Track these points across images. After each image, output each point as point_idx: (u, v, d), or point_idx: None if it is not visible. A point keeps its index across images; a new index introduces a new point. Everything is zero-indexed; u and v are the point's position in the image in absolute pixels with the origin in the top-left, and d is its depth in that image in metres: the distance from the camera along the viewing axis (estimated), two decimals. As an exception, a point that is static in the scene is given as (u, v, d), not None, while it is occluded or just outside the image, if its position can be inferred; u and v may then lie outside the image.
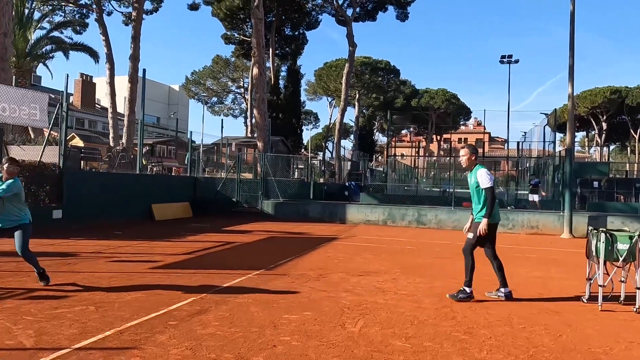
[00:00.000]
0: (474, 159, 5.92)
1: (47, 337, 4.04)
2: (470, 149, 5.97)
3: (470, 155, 5.91)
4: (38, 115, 11.14)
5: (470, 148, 5.99)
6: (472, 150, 5.96)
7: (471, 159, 5.91)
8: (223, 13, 37.26)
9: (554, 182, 23.33)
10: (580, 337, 4.56)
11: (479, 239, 5.77)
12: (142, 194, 15.32)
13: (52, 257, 7.97)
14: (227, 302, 5.37)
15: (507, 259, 7.04)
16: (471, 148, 5.99)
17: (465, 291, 5.78)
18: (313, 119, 71.35)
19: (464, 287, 5.80)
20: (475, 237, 5.76)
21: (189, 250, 9.35)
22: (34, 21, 23.66)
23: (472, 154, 5.93)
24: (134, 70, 26.56)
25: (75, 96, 48.02)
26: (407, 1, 37.11)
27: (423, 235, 13.55)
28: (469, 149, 5.97)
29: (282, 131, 34.81)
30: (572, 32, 14.17)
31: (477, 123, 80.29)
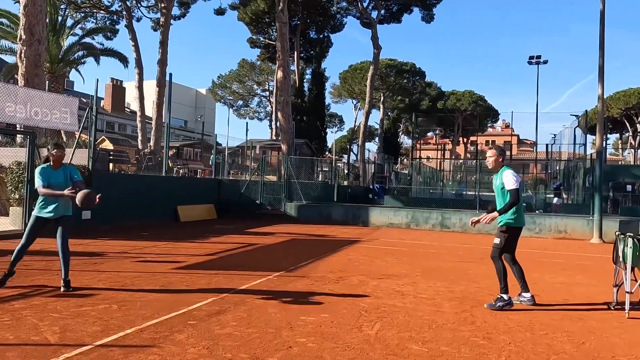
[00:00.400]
0: (501, 161, 5.76)
1: (70, 333, 4.16)
2: (497, 150, 5.83)
3: (498, 157, 5.74)
4: (68, 119, 11.51)
5: (497, 149, 5.85)
6: (500, 152, 5.81)
7: (498, 160, 5.73)
8: (249, 17, 37.73)
9: (584, 185, 22.72)
10: (604, 345, 4.43)
11: (506, 244, 5.65)
12: (167, 195, 15.63)
13: (80, 257, 8.21)
14: (245, 303, 5.43)
15: (532, 264, 6.93)
16: (499, 149, 5.85)
17: (503, 298, 5.58)
18: (338, 121, 71.42)
19: (501, 294, 5.61)
20: (502, 242, 5.64)
21: (211, 251, 9.48)
22: (66, 28, 24.44)
23: (500, 155, 5.76)
24: (162, 75, 27.17)
25: (106, 100, 49.37)
26: (432, 2, 36.80)
27: (446, 239, 13.39)
28: (497, 150, 5.84)
29: (307, 134, 34.96)
30: (602, 31, 13.78)
31: (505, 125, 78.79)
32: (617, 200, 24.78)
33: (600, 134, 14.51)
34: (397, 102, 56.18)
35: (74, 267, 7.25)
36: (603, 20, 13.84)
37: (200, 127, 34.48)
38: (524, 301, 5.78)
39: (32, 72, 14.94)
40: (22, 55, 15.08)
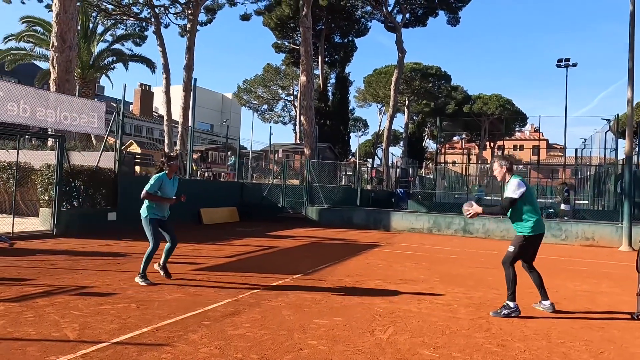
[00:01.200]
0: (506, 171, 5.54)
1: (89, 330, 4.30)
2: (500, 161, 5.64)
3: (502, 168, 5.56)
4: (96, 122, 11.86)
5: (500, 160, 5.65)
6: (503, 163, 5.60)
7: (502, 171, 5.55)
8: (274, 22, 38.14)
9: (615, 191, 22.07)
10: (623, 356, 4.31)
11: (521, 251, 5.52)
12: (191, 198, 15.71)
13: (104, 257, 8.45)
14: (260, 305, 5.49)
15: (556, 271, 6.79)
16: (502, 160, 5.64)
17: (509, 306, 5.45)
18: (362, 125, 71.26)
19: (507, 301, 5.48)
20: (516, 250, 5.51)
21: (231, 253, 9.61)
22: (97, 35, 25.21)
23: (503, 166, 5.56)
24: (188, 80, 27.68)
25: (135, 105, 50.59)
26: (458, 6, 36.47)
27: (468, 245, 13.21)
28: (500, 161, 5.64)
29: (330, 138, 35.05)
30: (632, 32, 13.40)
31: (533, 129, 77.18)
32: (650, 208, 23.93)
33: (629, 138, 14.07)
34: (422, 106, 55.77)
35: (97, 267, 7.48)
36: (633, 21, 13.46)
37: (225, 131, 35.00)
38: (544, 309, 5.67)
39: (64, 78, 15.46)
40: (54, 62, 15.63)
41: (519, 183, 5.39)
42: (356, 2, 38.31)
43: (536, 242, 5.56)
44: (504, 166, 5.55)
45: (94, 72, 25.14)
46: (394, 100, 36.40)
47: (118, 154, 12.89)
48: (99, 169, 12.44)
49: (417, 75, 49.05)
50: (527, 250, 5.56)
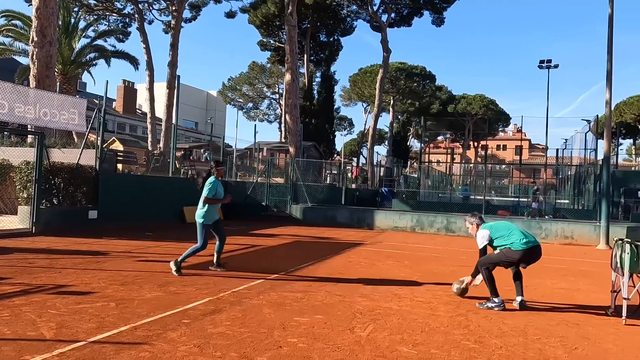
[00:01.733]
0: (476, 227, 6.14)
1: (66, 330, 4.25)
2: (470, 219, 6.25)
3: (472, 225, 6.20)
4: (77, 119, 11.69)
5: (470, 218, 6.25)
6: (472, 220, 6.21)
7: (474, 228, 6.16)
8: (259, 20, 37.97)
9: (595, 190, 22.51)
10: (597, 351, 4.41)
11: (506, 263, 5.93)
12: (174, 196, 15.77)
13: (84, 255, 8.34)
14: (241, 303, 5.48)
15: (535, 270, 6.90)
16: (471, 217, 6.25)
17: (494, 300, 5.79)
18: (347, 124, 71.36)
19: (492, 297, 5.82)
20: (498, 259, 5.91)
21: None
22: (79, 30, 24.80)
23: (473, 223, 6.19)
24: (172, 77, 27.43)
25: (118, 102, 49.92)
26: (442, 6, 36.73)
27: (451, 243, 13.34)
28: (469, 219, 6.25)
29: (315, 136, 35.03)
30: (611, 35, 13.67)
31: (516, 129, 78.20)
32: (628, 207, 24.44)
33: (607, 139, 14.36)
34: (407, 105, 56.06)
35: (77, 265, 7.38)
36: (611, 24, 13.73)
37: (210, 129, 34.75)
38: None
39: (44, 74, 15.20)
40: (34, 57, 15.35)
41: (482, 234, 5.98)
42: (342, 1, 38.35)
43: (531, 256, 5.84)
44: (473, 223, 6.19)
45: (75, 68, 24.74)
46: (379, 100, 36.54)
47: (99, 152, 12.73)
48: (80, 167, 12.27)
49: (402, 75, 49.26)
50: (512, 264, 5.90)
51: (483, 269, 5.92)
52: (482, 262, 5.95)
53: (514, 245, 5.77)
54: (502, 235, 5.89)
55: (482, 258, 5.98)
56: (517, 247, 5.76)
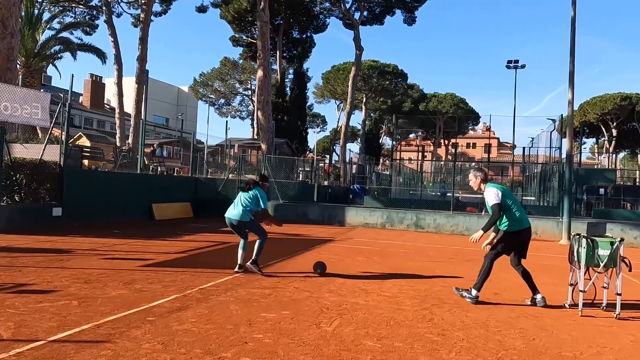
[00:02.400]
0: (481, 181, 5.99)
1: (25, 329, 4.14)
2: (475, 172, 6.09)
3: (476, 179, 6.02)
4: (40, 114, 11.35)
5: (475, 172, 6.10)
6: (478, 174, 6.04)
7: (477, 182, 6.01)
8: (231, 16, 37.57)
9: (559, 187, 23.24)
10: (553, 342, 4.58)
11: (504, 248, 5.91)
12: (142, 193, 15.50)
13: (46, 253, 8.12)
14: (208, 300, 5.45)
15: (499, 264, 7.05)
16: (477, 172, 6.08)
17: (471, 292, 5.91)
18: (321, 121, 71.60)
19: (473, 287, 5.93)
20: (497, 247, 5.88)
21: (182, 249, 9.46)
22: (43, 22, 24.02)
23: (478, 177, 6.02)
24: (142, 71, 26.85)
25: (85, 96, 48.61)
26: (414, 5, 37.16)
27: (420, 239, 13.56)
28: (474, 172, 6.09)
29: (288, 133, 34.96)
30: (573, 38, 14.11)
31: (485, 128, 79.89)
32: (590, 203, 25.30)
33: (569, 138, 14.84)
34: (379, 103, 56.57)
35: (39, 263, 7.19)
36: (574, 27, 14.17)
37: (181, 125, 34.27)
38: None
39: (4, 66, 14.66)
40: (-6, 49, 14.77)
41: (495, 189, 5.80)
42: (315, -2, 38.36)
43: (515, 238, 5.88)
44: (478, 177, 6.01)
45: (39, 61, 23.97)
46: (351, 97, 36.74)
47: (64, 147, 12.39)
48: (43, 162, 11.91)
49: (374, 73, 49.67)
50: (509, 246, 5.90)
51: (487, 260, 5.87)
52: (490, 256, 5.88)
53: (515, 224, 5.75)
54: (508, 205, 5.77)
55: (489, 252, 5.88)
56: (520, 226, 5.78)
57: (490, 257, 5.90)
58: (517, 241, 5.91)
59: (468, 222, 15.45)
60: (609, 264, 5.48)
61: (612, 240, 5.52)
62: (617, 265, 5.47)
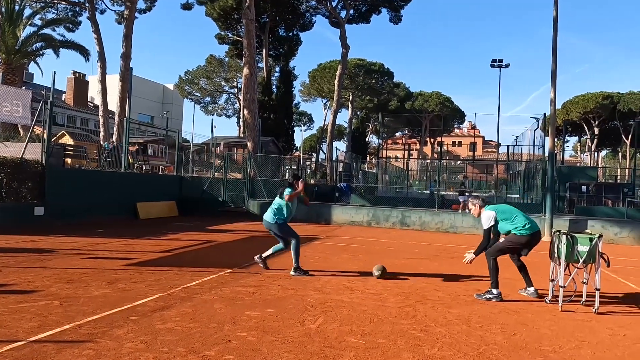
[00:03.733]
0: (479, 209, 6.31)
1: (4, 330, 4.09)
2: (473, 200, 6.47)
3: (475, 207, 6.35)
4: (20, 112, 11.17)
5: (473, 200, 6.50)
6: (476, 202, 6.40)
7: (477, 210, 6.33)
8: (216, 13, 37.29)
9: (543, 185, 23.56)
10: (534, 336, 4.66)
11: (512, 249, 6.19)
12: (127, 192, 15.35)
13: (27, 253, 8.02)
14: (192, 299, 5.44)
15: (483, 261, 7.13)
16: (475, 199, 6.50)
17: (492, 292, 6.07)
18: (307, 120, 71.44)
19: (491, 288, 6.10)
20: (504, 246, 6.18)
21: (167, 248, 9.41)
22: (24, 18, 23.58)
23: (476, 204, 6.35)
24: (126, 69, 26.54)
25: (68, 94, 47.88)
26: (400, 4, 37.26)
27: (405, 237, 13.65)
28: (473, 201, 6.48)
29: (274, 132, 34.86)
30: (555, 37, 14.32)
31: (471, 126, 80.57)
32: (573, 201, 25.69)
33: (552, 136, 15.06)
34: (365, 101, 56.66)
35: (20, 263, 7.09)
36: (556, 26, 14.38)
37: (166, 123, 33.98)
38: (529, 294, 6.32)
39: (-16, 63, 14.39)
40: (-27, 45, 14.50)
41: (488, 215, 6.14)
42: (301, -4, 38.27)
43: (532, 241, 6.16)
44: (476, 205, 6.37)
45: (20, 58, 23.53)
46: (337, 96, 36.73)
47: (46, 145, 12.21)
48: (25, 161, 11.73)
49: (361, 71, 49.71)
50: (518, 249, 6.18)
51: (491, 258, 6.10)
52: (491, 252, 6.12)
53: (519, 230, 6.02)
54: (506, 218, 6.09)
55: (490, 249, 6.13)
56: (523, 232, 6.02)
57: (494, 254, 6.14)
58: (523, 243, 6.13)
59: (453, 219, 15.59)
60: (588, 260, 5.59)
61: (591, 236, 5.62)
62: (596, 261, 5.58)
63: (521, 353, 4.16)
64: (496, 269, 6.10)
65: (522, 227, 6.02)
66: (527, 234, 6.04)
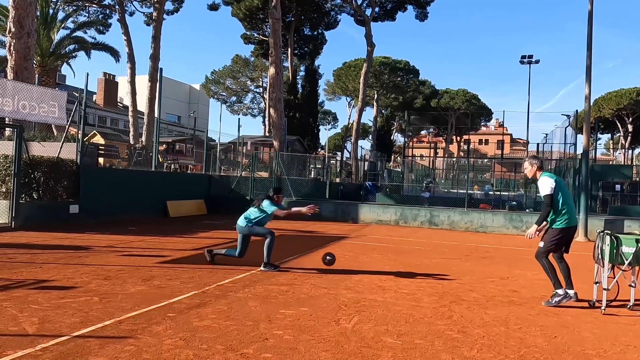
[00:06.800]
0: (536, 170, 5.87)
1: (49, 324, 4.20)
2: (531, 160, 5.96)
3: (532, 167, 5.89)
4: (57, 112, 11.48)
5: (531, 159, 5.97)
6: (534, 162, 5.92)
7: (534, 170, 5.88)
8: (242, 13, 37.61)
9: (574, 184, 22.97)
10: (575, 339, 4.53)
11: (556, 245, 5.78)
12: (157, 191, 15.62)
13: (65, 250, 8.23)
14: (226, 297, 5.48)
15: (516, 261, 7.03)
16: (533, 160, 5.97)
17: (558, 293, 5.77)
18: (332, 118, 71.44)
19: (555, 290, 5.81)
20: (546, 246, 5.78)
21: (198, 246, 9.52)
22: (57, 21, 24.25)
23: (534, 164, 5.89)
24: (154, 70, 27.07)
25: (98, 95, 49.08)
26: (426, 1, 36.86)
27: (434, 236, 13.49)
28: (530, 160, 5.97)
29: (299, 131, 34.97)
30: (590, 32, 13.90)
31: (498, 124, 79.14)
32: (606, 200, 24.99)
33: (586, 134, 14.65)
34: (390, 100, 56.26)
35: (58, 260, 7.28)
36: (591, 21, 13.96)
37: (193, 122, 34.45)
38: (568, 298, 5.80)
39: (22, 66, 14.85)
40: (11, 48, 14.97)
41: (549, 179, 5.67)
42: (326, -6, 38.26)
43: (569, 235, 5.82)
44: (534, 164, 5.87)
45: (54, 60, 24.21)
46: (363, 94, 36.58)
47: (80, 145, 12.52)
48: (60, 160, 12.06)
49: (386, 69, 49.37)
50: (560, 244, 5.80)
51: (542, 259, 5.80)
52: (539, 254, 5.83)
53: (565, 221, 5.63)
54: (561, 200, 5.64)
55: (538, 250, 5.84)
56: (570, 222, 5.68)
57: (542, 254, 5.82)
58: (564, 238, 5.79)
59: (482, 219, 15.33)
60: (633, 262, 5.39)
61: (638, 237, 5.42)
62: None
63: (564, 356, 4.05)
64: (552, 268, 5.76)
65: (560, 219, 5.62)
66: (574, 225, 5.70)
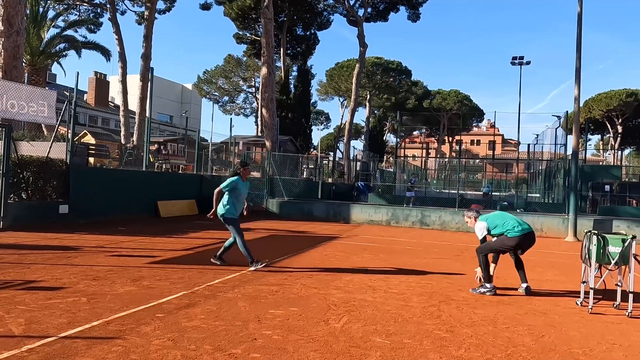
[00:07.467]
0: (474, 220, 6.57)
1: (36, 325, 4.16)
2: (468, 213, 6.74)
3: (471, 219, 6.61)
4: (46, 112, 11.38)
5: (468, 212, 6.76)
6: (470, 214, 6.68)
7: (473, 221, 6.58)
8: (235, 13, 37.51)
9: (564, 185, 23.15)
10: (562, 338, 4.57)
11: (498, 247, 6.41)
12: (148, 190, 15.54)
13: (54, 251, 8.16)
14: (216, 297, 5.47)
15: (506, 261, 7.06)
16: (469, 212, 6.75)
17: (485, 286, 6.31)
18: (324, 119, 71.42)
19: (484, 282, 6.35)
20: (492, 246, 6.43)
21: (188, 246, 9.50)
22: (48, 20, 24.02)
23: (471, 217, 6.62)
24: (146, 69, 26.91)
25: (89, 94, 48.70)
26: (418, 2, 36.97)
27: (425, 236, 13.54)
28: (467, 213, 6.74)
29: (291, 131, 34.94)
30: (580, 34, 14.03)
31: (490, 125, 79.53)
32: (596, 200, 25.22)
33: (576, 134, 14.77)
34: (383, 100, 56.38)
35: (47, 260, 7.22)
36: (580, 23, 14.08)
37: (185, 122, 34.29)
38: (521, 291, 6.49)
39: (11, 64, 14.68)
40: (0, 47, 14.81)
41: (480, 226, 6.43)
42: (318, -5, 38.25)
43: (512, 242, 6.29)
44: (472, 217, 6.64)
45: (44, 59, 23.97)
46: (355, 94, 36.61)
47: (70, 145, 12.43)
48: (50, 160, 11.96)
49: (378, 70, 49.46)
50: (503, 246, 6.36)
51: (480, 255, 6.34)
52: (480, 249, 6.38)
53: (509, 232, 6.27)
54: (497, 225, 6.36)
55: (480, 245, 6.42)
56: (512, 234, 6.24)
57: (482, 252, 6.38)
58: (512, 245, 6.30)
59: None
60: (620, 262, 5.45)
61: (624, 237, 5.48)
62: (629, 263, 5.44)
63: (551, 355, 4.08)
64: (487, 264, 6.32)
65: (512, 229, 6.24)
66: (516, 236, 6.23)
